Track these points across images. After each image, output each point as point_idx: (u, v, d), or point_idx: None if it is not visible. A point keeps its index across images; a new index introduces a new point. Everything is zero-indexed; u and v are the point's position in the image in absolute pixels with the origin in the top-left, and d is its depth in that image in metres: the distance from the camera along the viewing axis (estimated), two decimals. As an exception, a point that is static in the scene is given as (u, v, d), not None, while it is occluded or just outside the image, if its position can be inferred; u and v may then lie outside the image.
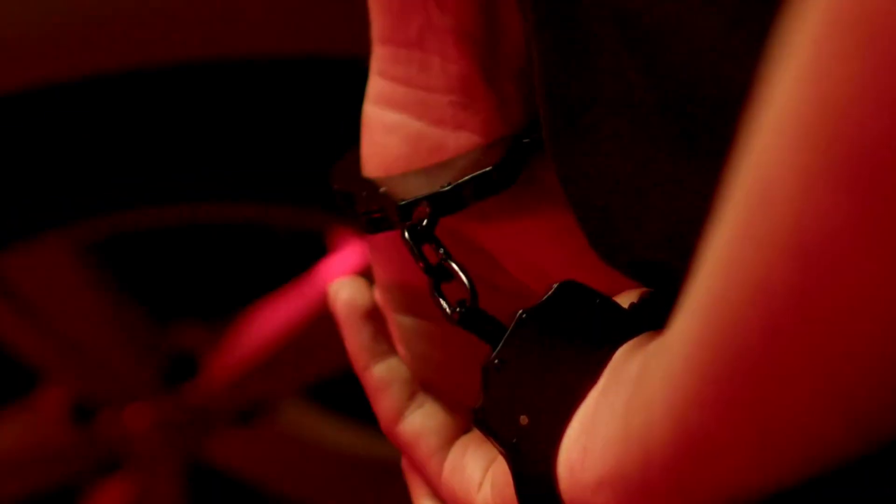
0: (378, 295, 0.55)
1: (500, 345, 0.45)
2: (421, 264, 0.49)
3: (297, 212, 1.19)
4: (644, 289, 0.48)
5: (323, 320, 1.29)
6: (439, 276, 0.48)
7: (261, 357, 1.33)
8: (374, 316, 0.54)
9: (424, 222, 0.48)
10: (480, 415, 0.45)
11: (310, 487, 1.42)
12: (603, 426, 0.43)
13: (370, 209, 0.50)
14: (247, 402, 1.35)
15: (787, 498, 0.42)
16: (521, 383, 0.45)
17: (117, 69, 1.06)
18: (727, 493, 0.38)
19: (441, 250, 0.48)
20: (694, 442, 0.36)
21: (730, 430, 0.35)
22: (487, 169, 0.49)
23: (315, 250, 1.31)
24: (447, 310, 0.48)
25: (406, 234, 0.49)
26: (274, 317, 1.33)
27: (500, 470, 0.48)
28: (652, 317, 0.46)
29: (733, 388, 0.34)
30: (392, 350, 0.54)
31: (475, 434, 0.52)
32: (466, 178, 0.49)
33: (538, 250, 0.51)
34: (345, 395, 1.40)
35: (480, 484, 0.49)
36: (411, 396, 0.53)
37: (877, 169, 0.28)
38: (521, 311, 0.45)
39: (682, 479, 0.38)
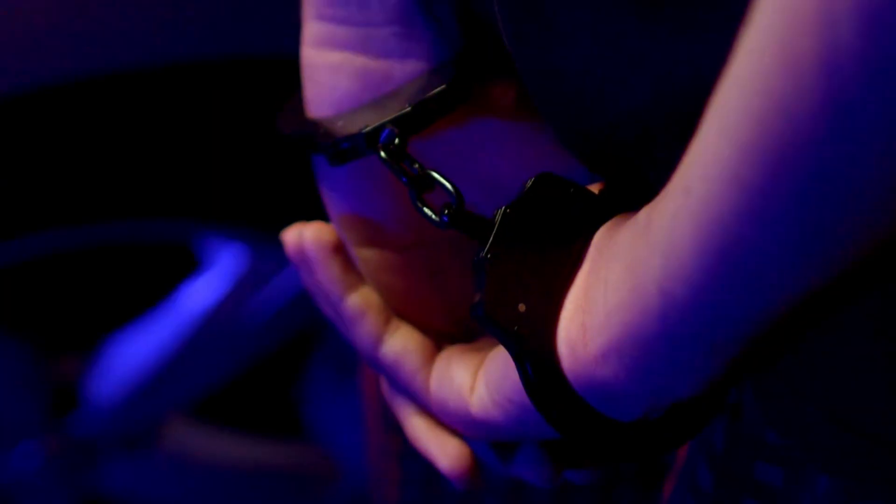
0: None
1: (490, 240, 0.47)
2: (404, 180, 0.51)
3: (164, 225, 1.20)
4: (603, 183, 0.51)
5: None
6: (421, 187, 0.51)
7: (142, 381, 1.33)
8: (342, 250, 0.55)
9: (396, 141, 0.51)
10: (480, 308, 0.47)
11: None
12: (600, 299, 0.45)
13: (335, 142, 0.52)
14: (133, 428, 1.34)
15: None
16: (513, 274, 0.47)
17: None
18: (757, 320, 0.40)
19: (417, 165, 0.51)
20: (729, 267, 0.38)
21: (775, 241, 0.36)
22: (443, 87, 0.51)
23: (183, 268, 1.32)
24: (434, 216, 0.50)
25: (383, 154, 0.51)
26: (149, 339, 1.33)
27: (493, 368, 0.50)
28: (618, 202, 0.49)
29: (788, 192, 0.35)
30: (362, 280, 0.56)
31: (456, 347, 0.54)
32: (428, 96, 0.51)
33: (491, 166, 0.54)
34: (230, 408, 1.41)
35: (472, 387, 0.52)
36: (387, 321, 0.55)
37: None
38: (504, 207, 0.48)
39: (709, 315, 0.40)
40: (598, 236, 0.48)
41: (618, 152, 0.48)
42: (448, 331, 0.57)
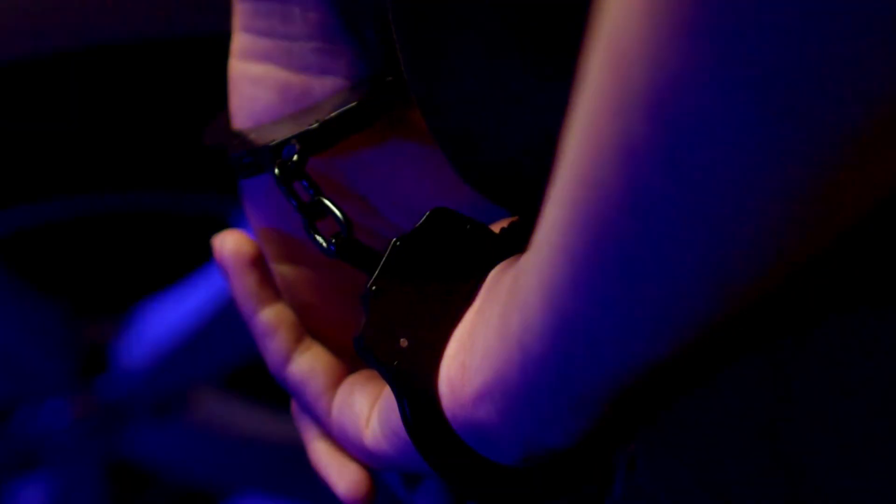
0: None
1: (377, 272, 0.46)
2: (294, 203, 0.50)
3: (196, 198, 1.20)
4: (513, 218, 0.49)
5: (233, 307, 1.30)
6: (312, 213, 0.50)
7: (172, 347, 1.34)
8: (259, 263, 0.55)
9: (295, 157, 0.50)
10: (361, 341, 0.46)
11: (228, 477, 1.42)
12: (480, 340, 0.44)
13: (242, 154, 0.51)
14: (162, 394, 1.35)
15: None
16: (398, 308, 0.46)
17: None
18: (609, 381, 0.39)
19: (311, 189, 0.50)
20: (569, 327, 0.37)
21: (601, 308, 0.36)
22: (352, 105, 0.50)
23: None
24: (323, 243, 0.49)
25: (277, 171, 0.50)
26: (182, 306, 1.34)
27: (386, 401, 0.49)
28: (522, 240, 0.48)
29: (599, 260, 0.35)
30: (278, 296, 0.55)
31: (362, 374, 0.53)
32: (333, 114, 0.50)
33: (408, 188, 0.53)
34: (260, 382, 1.41)
35: (368, 418, 0.51)
36: (299, 340, 0.54)
37: (713, 11, 0.29)
38: (394, 239, 0.47)
39: (563, 372, 0.39)
40: (492, 275, 0.47)
41: (510, 189, 0.46)
42: None
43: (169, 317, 1.34)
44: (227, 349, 1.35)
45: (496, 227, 0.48)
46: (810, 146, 0.30)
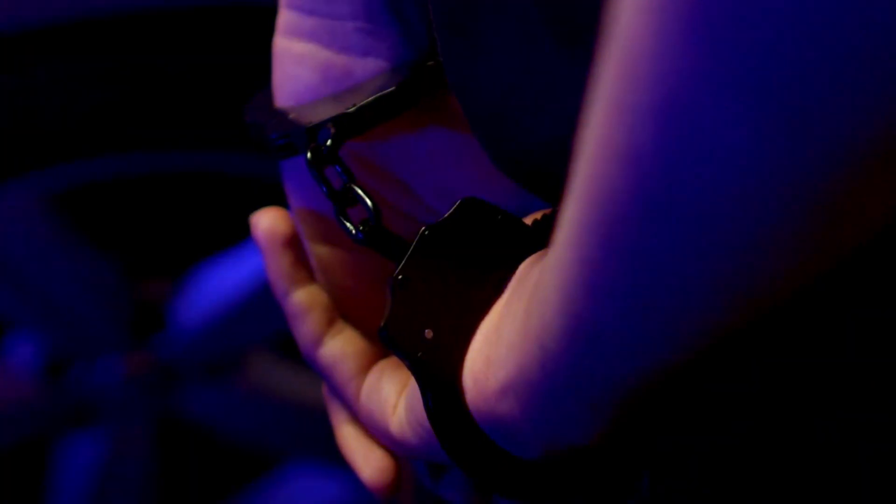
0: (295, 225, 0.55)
1: (404, 261, 0.46)
2: (324, 189, 0.49)
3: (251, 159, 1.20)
4: (548, 209, 0.49)
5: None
6: (343, 198, 0.49)
7: (227, 309, 1.34)
8: (294, 244, 0.54)
9: (329, 142, 0.49)
10: (385, 330, 0.45)
11: (279, 440, 1.43)
12: (505, 334, 0.43)
13: (278, 135, 0.51)
14: (216, 355, 1.36)
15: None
16: (425, 298, 0.46)
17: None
18: (624, 383, 0.39)
19: (344, 173, 0.49)
20: (584, 329, 0.37)
21: (614, 312, 0.36)
22: (391, 90, 0.50)
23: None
24: (351, 230, 0.48)
25: (309, 156, 0.49)
26: (239, 269, 1.34)
27: (412, 390, 0.49)
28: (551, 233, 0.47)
29: (612, 265, 0.34)
30: (312, 277, 0.54)
31: (392, 359, 0.53)
32: (370, 98, 0.49)
33: (445, 172, 0.52)
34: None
35: (395, 405, 0.50)
36: (331, 323, 0.54)
37: (720, 19, 0.29)
38: (423, 228, 0.46)
39: (579, 372, 0.39)
40: (522, 267, 0.46)
41: (541, 178, 0.46)
42: None
43: (225, 278, 1.35)
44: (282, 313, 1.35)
45: (529, 219, 0.48)
46: (814, 157, 0.30)
